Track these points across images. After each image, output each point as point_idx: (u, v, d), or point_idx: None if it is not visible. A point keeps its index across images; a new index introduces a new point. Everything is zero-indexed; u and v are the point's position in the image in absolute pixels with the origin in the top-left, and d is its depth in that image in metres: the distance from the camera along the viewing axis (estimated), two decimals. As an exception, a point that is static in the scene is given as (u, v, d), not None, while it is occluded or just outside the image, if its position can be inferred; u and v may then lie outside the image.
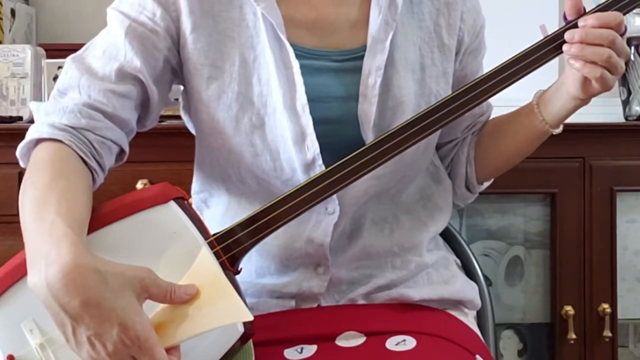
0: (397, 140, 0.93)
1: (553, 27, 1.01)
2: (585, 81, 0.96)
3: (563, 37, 0.95)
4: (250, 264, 1.04)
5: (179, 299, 0.80)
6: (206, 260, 0.84)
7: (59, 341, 0.79)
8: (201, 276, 0.82)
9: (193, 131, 1.11)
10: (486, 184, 1.19)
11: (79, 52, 1.00)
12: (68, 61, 0.99)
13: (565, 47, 0.95)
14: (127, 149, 1.00)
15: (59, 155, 0.89)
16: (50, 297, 0.74)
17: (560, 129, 1.06)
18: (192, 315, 0.79)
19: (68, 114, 0.93)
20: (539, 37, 1.00)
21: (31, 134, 0.93)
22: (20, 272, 0.81)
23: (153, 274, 0.78)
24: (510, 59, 0.97)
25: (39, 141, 0.92)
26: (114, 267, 0.77)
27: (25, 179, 0.88)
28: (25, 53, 1.59)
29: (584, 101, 1.00)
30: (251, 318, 0.80)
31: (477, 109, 1.09)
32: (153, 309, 0.80)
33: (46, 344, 0.80)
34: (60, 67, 1.56)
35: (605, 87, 0.96)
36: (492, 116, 1.18)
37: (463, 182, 1.17)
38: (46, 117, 0.93)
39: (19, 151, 0.94)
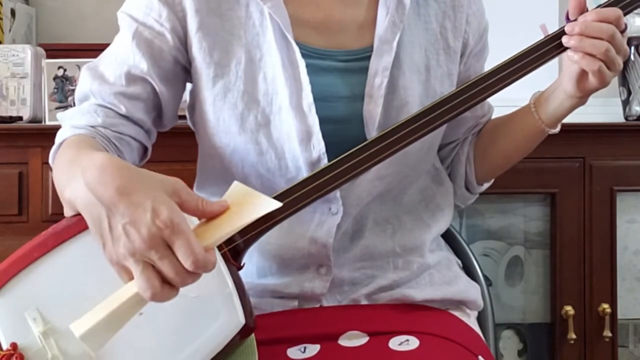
0: (395, 138, 0.93)
1: (553, 27, 1.01)
2: (582, 77, 0.97)
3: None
4: (252, 264, 1.04)
5: (211, 208, 0.79)
6: (238, 186, 0.84)
7: (61, 330, 0.80)
8: (234, 196, 0.82)
9: (193, 129, 1.11)
10: (486, 185, 1.20)
11: (94, 61, 1.04)
12: (83, 70, 1.04)
13: (564, 39, 0.96)
14: (148, 145, 1.05)
15: (83, 139, 0.94)
16: (88, 193, 0.76)
17: (557, 129, 1.07)
18: (225, 222, 0.79)
19: (85, 114, 0.99)
20: (539, 37, 1.00)
21: (58, 139, 0.98)
22: (24, 262, 0.82)
23: (185, 185, 0.79)
24: (512, 57, 0.97)
25: (63, 142, 0.96)
26: (147, 172, 0.78)
27: (55, 164, 0.93)
28: (25, 53, 1.59)
29: (581, 100, 1.01)
30: (280, 204, 0.79)
31: (479, 109, 1.11)
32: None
33: (49, 332, 0.81)
34: (60, 67, 1.56)
35: (602, 83, 0.97)
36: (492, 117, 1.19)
37: (463, 182, 1.17)
38: (68, 121, 0.99)
39: (50, 158, 0.99)
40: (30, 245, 0.82)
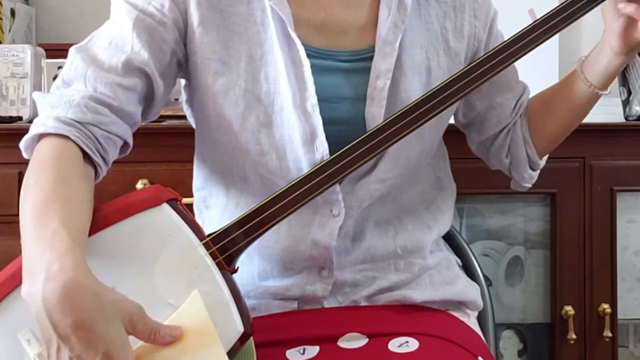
0: (388, 133, 0.93)
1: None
2: (627, 31, 0.99)
3: None
4: (253, 267, 1.04)
5: (162, 340, 0.78)
6: (197, 304, 0.82)
7: None
8: (190, 319, 0.81)
9: (194, 125, 1.10)
10: (545, 159, 1.20)
11: (83, 43, 0.98)
12: (72, 51, 0.97)
13: None
14: (131, 141, 0.99)
15: (64, 154, 0.87)
16: (43, 311, 0.73)
17: (608, 91, 1.08)
18: (174, 358, 0.79)
19: (74, 107, 0.90)
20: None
21: (36, 128, 0.90)
22: (15, 282, 0.80)
23: (143, 311, 0.77)
24: (547, 14, 0.98)
25: (43, 135, 0.89)
26: (112, 294, 0.76)
27: (27, 176, 0.85)
28: (25, 53, 1.59)
29: (628, 56, 1.02)
30: None
31: (516, 87, 1.14)
32: (137, 343, 0.79)
33: (44, 354, 0.78)
34: (60, 67, 1.55)
35: None
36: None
37: (527, 164, 1.17)
38: (51, 110, 0.90)
39: (22, 143, 0.92)
40: (18, 265, 0.79)
